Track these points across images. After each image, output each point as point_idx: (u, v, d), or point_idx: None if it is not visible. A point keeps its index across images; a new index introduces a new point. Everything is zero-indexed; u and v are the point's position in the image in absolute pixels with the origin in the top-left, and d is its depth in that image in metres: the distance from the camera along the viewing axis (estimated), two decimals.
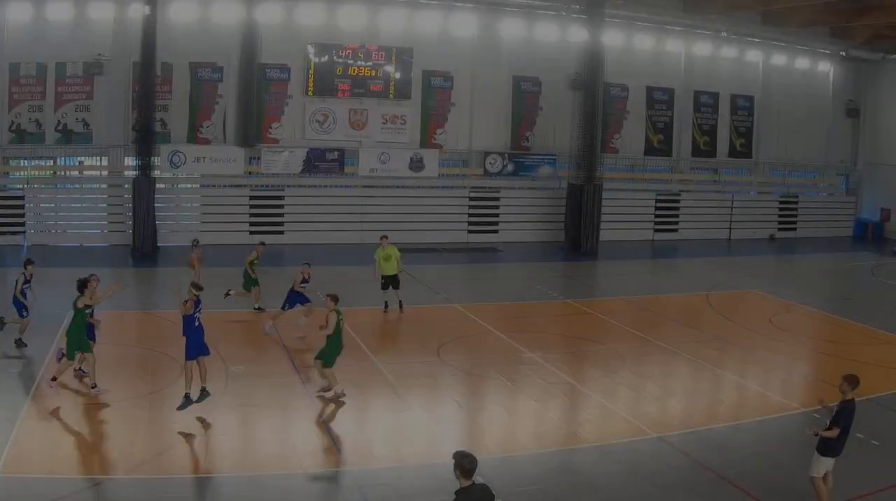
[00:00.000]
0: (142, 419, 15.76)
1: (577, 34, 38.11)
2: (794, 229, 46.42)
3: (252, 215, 35.74)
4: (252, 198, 35.97)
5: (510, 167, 39.63)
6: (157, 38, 31.79)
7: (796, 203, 46.80)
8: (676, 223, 43.59)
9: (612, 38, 39.28)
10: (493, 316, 25.14)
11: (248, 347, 20.92)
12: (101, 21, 33.33)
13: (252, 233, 34.97)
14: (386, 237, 25.15)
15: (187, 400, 15.62)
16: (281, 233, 35.92)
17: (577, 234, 37.94)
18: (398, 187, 38.25)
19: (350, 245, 36.00)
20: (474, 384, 19.35)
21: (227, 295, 23.13)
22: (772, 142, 46.22)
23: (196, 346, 15.90)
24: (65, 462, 13.67)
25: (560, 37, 39.08)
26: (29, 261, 19.99)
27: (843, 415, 12.62)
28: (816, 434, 12.47)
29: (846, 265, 39.51)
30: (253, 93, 34.81)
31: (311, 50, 35.73)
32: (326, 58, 35.95)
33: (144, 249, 32.16)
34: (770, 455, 15.48)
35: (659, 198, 43.07)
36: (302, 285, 22.01)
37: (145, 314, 24.26)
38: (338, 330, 16.90)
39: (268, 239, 34.28)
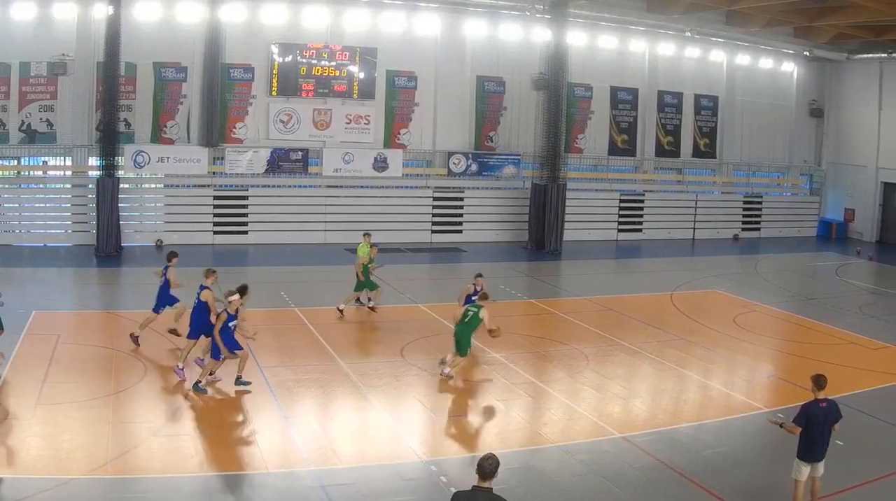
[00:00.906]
0: (106, 419, 16.09)
1: (541, 34, 39.68)
2: (758, 229, 48.47)
3: (216, 215, 36.84)
4: (216, 197, 37.01)
5: (474, 167, 41.15)
6: (122, 38, 32.66)
7: (760, 203, 48.81)
8: (640, 223, 45.34)
9: (576, 38, 40.82)
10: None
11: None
12: (66, 21, 34.15)
13: (216, 233, 36.45)
14: (367, 235, 26.53)
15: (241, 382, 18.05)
16: (245, 233, 37.25)
17: (541, 234, 39.40)
18: (362, 187, 39.50)
19: (314, 245, 37.48)
20: (439, 384, 19.73)
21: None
22: (736, 142, 48.14)
23: (231, 344, 17.83)
24: (28, 463, 14.01)
25: (524, 37, 40.62)
26: None
27: (800, 414, 13.10)
28: (780, 425, 13.25)
29: (810, 265, 41.06)
30: (217, 93, 36.02)
31: (274, 50, 36.99)
32: (290, 58, 37.28)
33: (108, 249, 33.09)
34: (734, 454, 16.13)
35: (623, 197, 44.80)
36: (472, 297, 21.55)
37: (109, 314, 24.86)
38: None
39: (231, 239, 36.57)
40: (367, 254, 25.64)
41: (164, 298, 21.14)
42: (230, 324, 17.70)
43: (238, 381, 17.95)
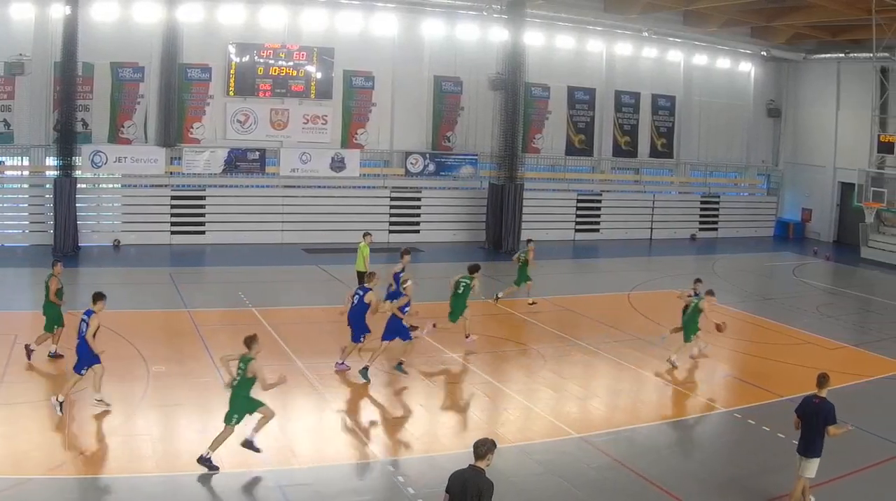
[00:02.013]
0: (63, 419, 16.59)
1: (499, 34, 41.57)
2: (716, 229, 51.07)
3: (173, 215, 38.42)
4: (173, 197, 38.53)
5: (431, 167, 43.16)
6: (79, 38, 33.93)
7: (717, 203, 51.44)
8: (598, 223, 47.64)
9: (534, 38, 42.85)
10: (415, 316, 26.72)
11: (168, 347, 22.24)
12: (23, 21, 35.29)
13: (173, 232, 38.18)
14: (367, 234, 28.52)
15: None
16: (202, 233, 38.91)
17: (499, 234, 41.33)
18: (319, 187, 41.11)
19: (271, 245, 39.19)
20: (396, 383, 20.52)
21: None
22: (693, 142, 50.71)
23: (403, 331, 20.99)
24: None
25: (481, 37, 42.55)
26: None
27: (797, 407, 14.43)
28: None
29: (767, 265, 43.13)
30: (174, 93, 37.67)
31: (232, 50, 38.69)
32: (247, 58, 39.03)
33: (65, 249, 34.20)
34: (691, 454, 17.13)
35: (580, 197, 47.09)
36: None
37: (66, 314, 24.96)
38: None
39: (189, 239, 38.09)
40: (368, 255, 27.65)
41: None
42: (405, 310, 20.77)
43: (398, 367, 20.94)
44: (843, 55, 48.07)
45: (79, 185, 35.87)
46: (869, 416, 18.69)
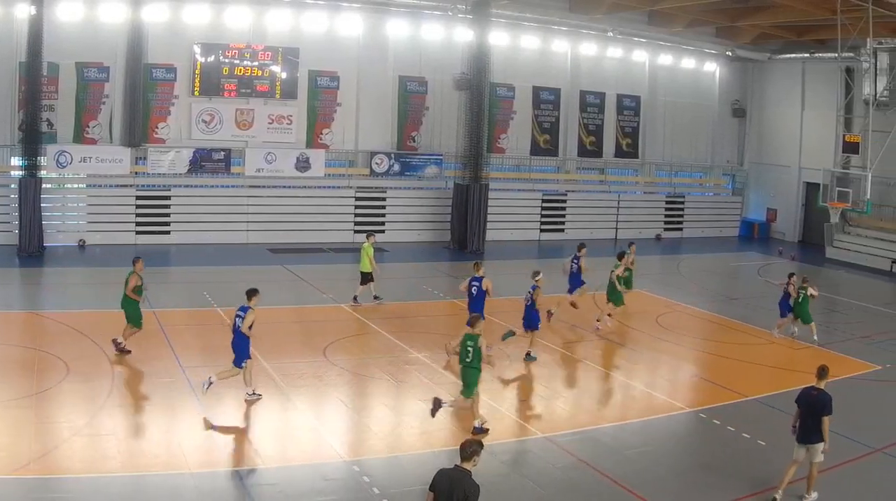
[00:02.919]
0: (28, 419, 17.03)
1: (464, 34, 42.94)
2: (681, 229, 53.00)
3: (138, 215, 39.59)
4: (138, 197, 39.70)
5: (396, 167, 44.71)
6: (44, 37, 34.82)
7: (682, 203, 53.37)
8: (563, 223, 49.29)
9: (499, 38, 44.31)
10: (379, 316, 27.75)
11: (133, 347, 22.37)
12: None
13: (138, 232, 39.41)
14: (371, 235, 30.50)
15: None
16: (167, 233, 40.12)
17: (464, 234, 42.64)
18: (284, 187, 42.47)
19: (236, 245, 40.42)
20: (361, 384, 21.29)
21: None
22: (658, 142, 52.71)
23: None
24: None
25: (446, 37, 44.12)
26: None
27: (798, 398, 15.49)
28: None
29: (732, 265, 44.58)
30: (139, 93, 38.87)
31: (197, 50, 39.99)
32: (213, 57, 40.40)
33: (30, 249, 35.24)
34: (656, 454, 17.39)
35: (545, 197, 48.80)
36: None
37: (31, 314, 26.33)
38: None
39: (154, 239, 39.16)
40: (373, 255, 29.44)
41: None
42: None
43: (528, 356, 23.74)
44: (808, 55, 49.57)
45: (44, 185, 36.66)
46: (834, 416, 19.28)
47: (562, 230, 49.13)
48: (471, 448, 10.77)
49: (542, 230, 48.74)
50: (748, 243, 52.18)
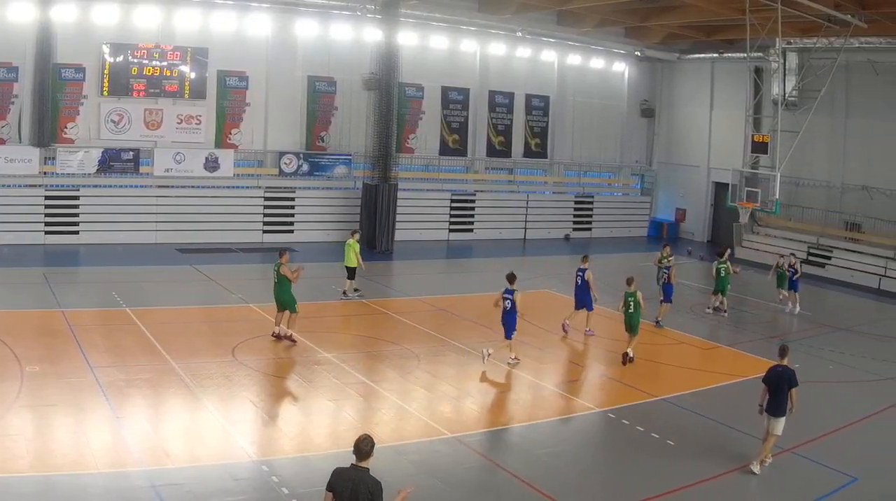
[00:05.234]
0: None
1: (372, 34, 46.64)
2: (590, 229, 57.71)
3: (47, 215, 42.08)
4: (47, 197, 42.12)
5: (305, 167, 48.39)
6: None
7: (591, 203, 58.15)
8: (472, 223, 53.58)
9: (408, 38, 48.23)
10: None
11: (42, 347, 23.60)
12: None
13: (47, 232, 42.35)
14: (356, 232, 34.22)
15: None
16: (76, 233, 42.85)
17: (373, 234, 45.71)
18: (193, 187, 45.39)
19: (145, 245, 43.20)
20: (270, 384, 22.38)
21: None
22: (567, 142, 57.56)
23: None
24: None
25: (355, 37, 47.82)
26: None
27: (764, 377, 17.55)
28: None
29: (641, 265, 45.49)
30: (48, 92, 41.79)
31: (106, 50, 42.96)
32: (122, 57, 43.60)
33: None
34: (566, 454, 18.40)
35: (454, 197, 53.04)
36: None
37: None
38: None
39: (63, 239, 42.01)
40: (359, 251, 32.77)
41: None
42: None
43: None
44: (717, 55, 54.26)
45: None
46: (737, 416, 20.90)
47: (471, 230, 53.30)
48: (368, 445, 11.23)
49: (451, 230, 52.72)
50: (657, 243, 52.58)
